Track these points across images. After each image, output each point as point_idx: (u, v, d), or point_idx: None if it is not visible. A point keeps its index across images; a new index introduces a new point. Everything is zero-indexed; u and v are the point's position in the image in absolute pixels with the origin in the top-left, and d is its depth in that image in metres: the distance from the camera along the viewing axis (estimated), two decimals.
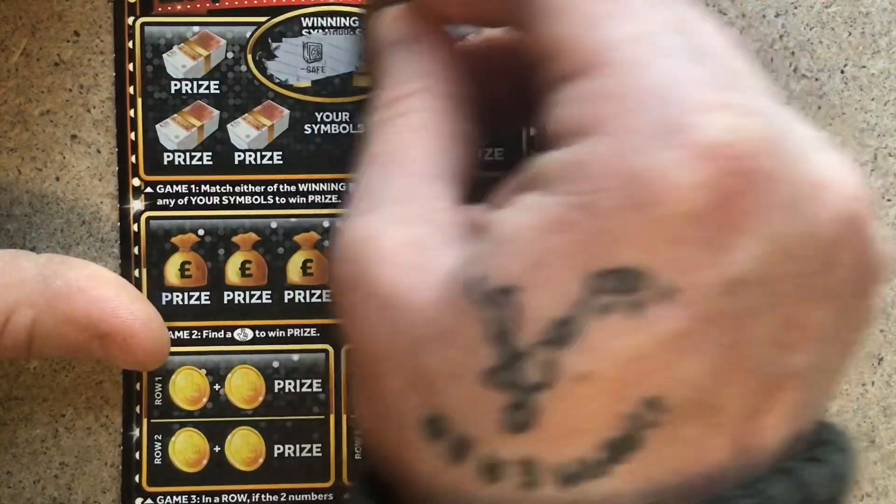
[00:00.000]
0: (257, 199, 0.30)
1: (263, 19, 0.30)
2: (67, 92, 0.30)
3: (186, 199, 0.30)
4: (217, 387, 0.30)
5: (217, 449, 0.30)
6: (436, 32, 0.26)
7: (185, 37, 0.30)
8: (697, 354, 0.19)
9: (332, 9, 0.30)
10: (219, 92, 0.30)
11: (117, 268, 0.30)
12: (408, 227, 0.22)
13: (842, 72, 0.31)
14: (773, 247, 0.19)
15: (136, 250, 0.30)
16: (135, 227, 0.30)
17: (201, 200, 0.30)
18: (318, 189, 0.31)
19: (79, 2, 0.30)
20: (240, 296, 0.31)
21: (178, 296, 0.30)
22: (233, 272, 0.31)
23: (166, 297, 0.30)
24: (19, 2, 0.30)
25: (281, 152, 0.30)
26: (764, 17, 0.31)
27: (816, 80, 0.31)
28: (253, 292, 0.31)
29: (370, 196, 0.23)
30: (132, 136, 0.30)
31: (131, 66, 0.30)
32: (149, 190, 0.30)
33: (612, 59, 0.20)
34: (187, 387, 0.30)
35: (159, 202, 0.30)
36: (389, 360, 0.21)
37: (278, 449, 0.30)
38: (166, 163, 0.30)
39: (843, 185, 0.20)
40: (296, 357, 0.31)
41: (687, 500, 0.20)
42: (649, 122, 0.19)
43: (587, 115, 0.20)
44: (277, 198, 0.31)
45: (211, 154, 0.30)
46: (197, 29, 0.30)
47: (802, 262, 0.20)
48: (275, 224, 0.31)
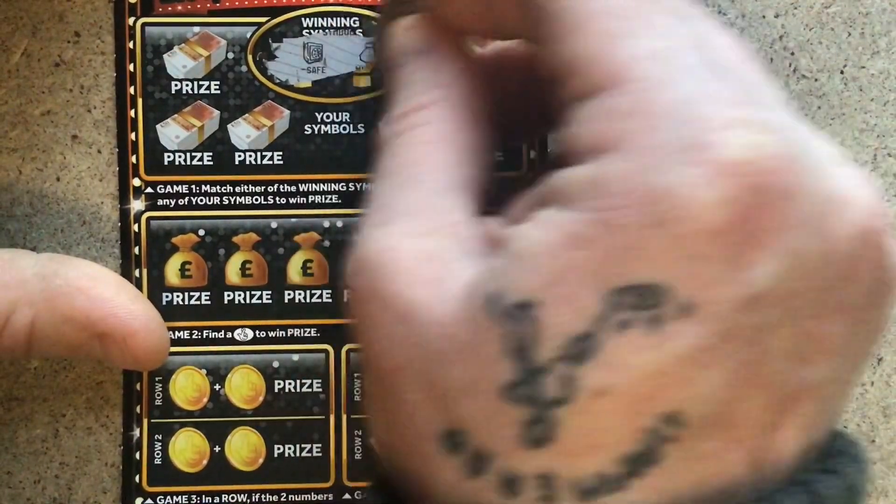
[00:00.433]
0: (257, 200, 0.31)
1: (264, 20, 0.30)
2: (68, 92, 0.30)
3: (187, 200, 0.30)
4: (217, 387, 0.30)
5: (217, 449, 0.30)
6: (451, 43, 0.25)
7: (186, 37, 0.30)
8: (715, 370, 0.19)
9: (333, 9, 0.30)
10: (219, 92, 0.30)
11: (118, 268, 0.30)
12: (424, 239, 0.22)
13: (842, 72, 0.31)
14: (792, 262, 0.19)
15: (136, 250, 0.30)
16: (135, 228, 0.30)
17: (202, 201, 0.30)
18: (318, 189, 0.31)
19: (79, 2, 0.30)
20: (240, 296, 0.31)
21: (178, 296, 0.30)
22: (233, 272, 0.31)
23: (166, 297, 0.30)
24: (20, 2, 0.30)
25: (281, 152, 0.31)
26: (764, 17, 0.31)
27: (816, 80, 0.31)
28: (253, 292, 0.31)
29: (386, 209, 0.23)
30: (133, 136, 0.30)
31: (132, 67, 0.30)
32: (149, 190, 0.30)
33: (632, 75, 0.20)
34: (187, 387, 0.30)
35: (160, 202, 0.30)
36: (407, 374, 0.21)
37: (278, 449, 0.30)
38: (167, 163, 0.30)
39: (861, 200, 0.20)
40: (296, 357, 0.31)
41: None
42: (670, 139, 0.19)
43: (607, 131, 0.20)
44: (278, 198, 0.31)
45: (211, 154, 0.30)
46: (197, 29, 0.30)
47: (820, 276, 0.20)
48: (275, 224, 0.31)
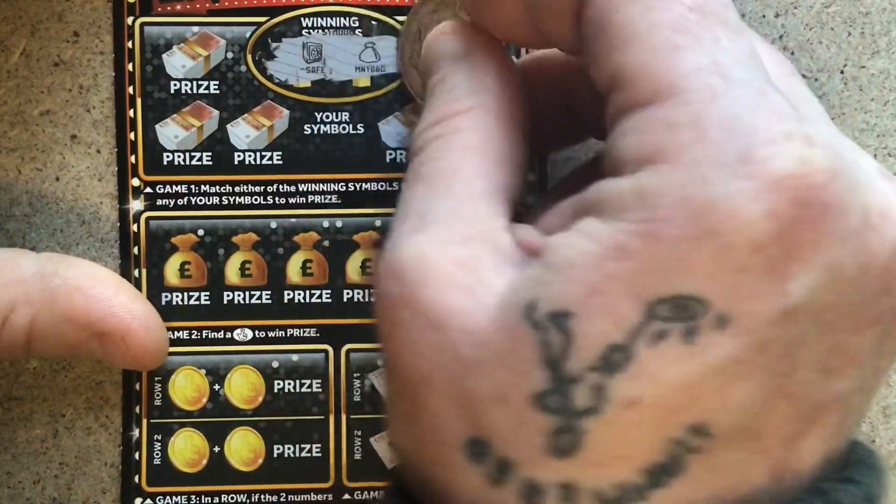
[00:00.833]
0: (257, 200, 0.30)
1: (263, 19, 0.30)
2: (67, 92, 0.30)
3: (186, 200, 0.30)
4: (217, 387, 0.30)
5: (217, 449, 0.30)
6: (490, 50, 0.25)
7: (185, 37, 0.30)
8: (747, 382, 0.19)
9: (332, 9, 0.30)
10: (218, 92, 0.30)
11: (117, 268, 0.30)
12: (458, 247, 0.22)
13: (842, 72, 0.31)
14: (829, 276, 0.19)
15: (135, 250, 0.30)
16: (134, 228, 0.30)
17: (201, 200, 0.30)
18: (317, 189, 0.31)
19: (78, 2, 0.30)
20: (239, 296, 0.31)
21: (177, 296, 0.30)
22: (232, 272, 0.31)
23: (166, 297, 0.30)
24: (19, 2, 0.30)
25: (281, 152, 0.30)
26: (764, 17, 0.31)
27: (816, 80, 0.31)
28: (253, 292, 0.31)
29: (419, 214, 0.23)
30: (132, 136, 0.30)
31: (131, 67, 0.30)
32: (148, 190, 0.30)
33: (682, 88, 0.20)
34: (187, 387, 0.30)
35: (159, 202, 0.30)
36: (434, 381, 0.21)
37: (278, 449, 0.30)
38: (166, 163, 0.30)
39: None
40: (295, 357, 0.31)
41: None
42: (718, 153, 0.19)
43: (655, 143, 0.20)
44: (277, 198, 0.31)
45: (211, 154, 0.30)
46: (196, 29, 0.30)
47: (857, 290, 0.20)
48: (274, 224, 0.31)
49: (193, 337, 0.30)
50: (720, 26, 0.20)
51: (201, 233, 0.30)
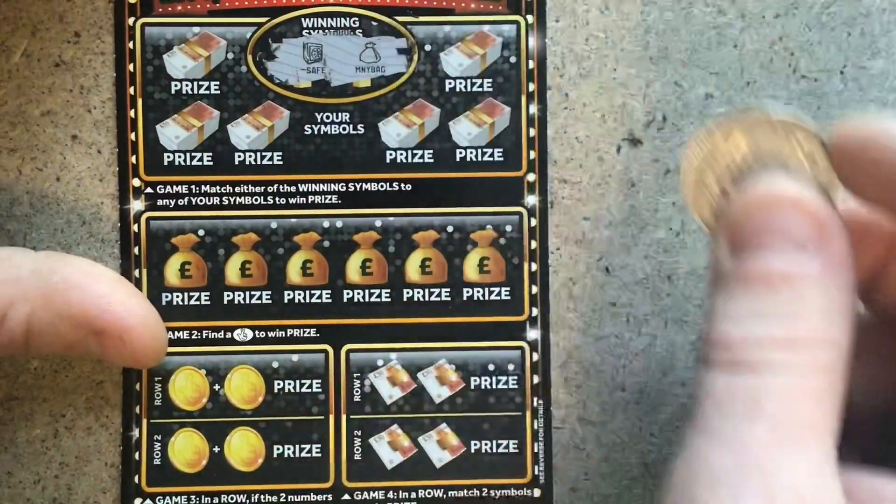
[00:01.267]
0: (257, 200, 0.31)
1: (263, 20, 0.30)
2: (68, 92, 0.30)
3: (186, 200, 0.30)
4: (217, 387, 0.30)
5: (216, 449, 0.30)
6: (845, 244, 0.20)
7: (186, 37, 0.30)
8: None
9: (332, 9, 0.30)
10: (219, 92, 0.30)
11: (118, 268, 0.30)
12: None
13: (842, 72, 0.31)
14: None
15: (136, 251, 0.30)
16: (135, 228, 0.30)
17: (201, 201, 0.30)
18: (318, 189, 0.31)
19: (79, 3, 0.30)
20: (239, 296, 0.31)
21: (177, 296, 0.30)
22: (232, 272, 0.31)
23: (166, 297, 0.30)
24: (20, 3, 0.30)
25: (281, 153, 0.31)
26: (764, 17, 0.31)
27: (816, 80, 0.31)
28: (253, 292, 0.31)
29: (762, 471, 0.19)
30: (132, 136, 0.30)
31: (132, 67, 0.30)
32: (149, 190, 0.30)
33: None
34: (187, 387, 0.30)
35: (159, 203, 0.30)
36: None
37: (278, 449, 0.30)
38: (166, 163, 0.30)
39: None
40: (295, 357, 0.31)
41: None
42: None
43: None
44: (277, 198, 0.31)
45: (211, 154, 0.30)
46: (197, 29, 0.30)
47: None
48: (275, 224, 0.31)
49: (193, 337, 0.30)
50: None
51: (202, 233, 0.30)
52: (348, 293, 0.31)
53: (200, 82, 0.30)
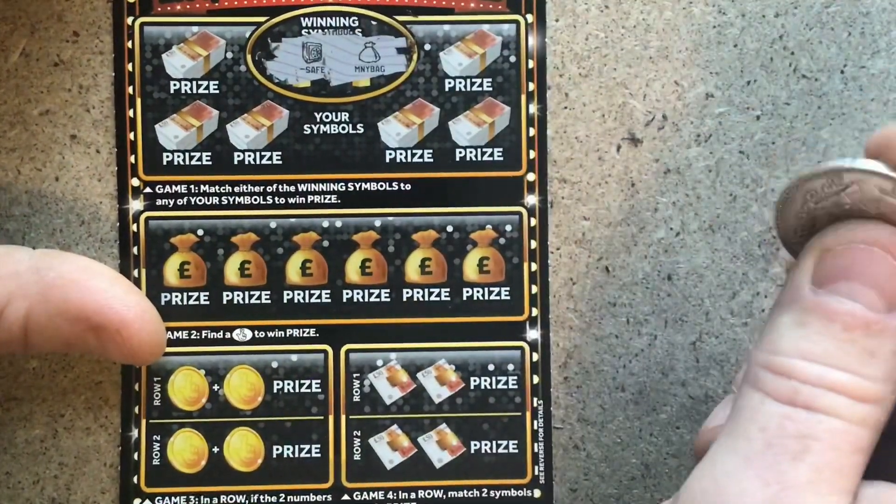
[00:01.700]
0: (256, 200, 0.30)
1: (263, 19, 0.30)
2: (67, 92, 0.30)
3: (185, 200, 0.30)
4: (216, 387, 0.30)
5: (216, 449, 0.30)
6: None
7: (185, 37, 0.30)
8: None
9: (332, 9, 0.30)
10: (218, 92, 0.30)
11: (116, 268, 0.30)
12: None
13: (842, 72, 0.31)
14: None
15: (135, 250, 0.30)
16: (134, 228, 0.30)
17: (200, 200, 0.30)
18: (317, 189, 0.31)
19: (78, 2, 0.30)
20: (239, 296, 0.30)
21: (177, 296, 0.30)
22: (232, 272, 0.30)
23: (165, 297, 0.30)
24: (19, 2, 0.30)
25: (280, 152, 0.30)
26: (764, 17, 0.31)
27: (816, 80, 0.31)
28: (252, 292, 0.30)
29: (761, 501, 0.20)
30: (131, 136, 0.30)
31: (130, 67, 0.30)
32: (148, 190, 0.30)
33: None
34: (186, 387, 0.30)
35: (158, 202, 0.30)
36: None
37: (277, 449, 0.30)
38: (165, 163, 0.30)
39: None
40: (295, 357, 0.31)
41: None
42: None
43: None
44: (277, 198, 0.30)
45: (210, 154, 0.30)
46: (196, 29, 0.30)
47: None
48: (274, 224, 0.31)
49: (193, 337, 0.30)
50: None
51: (201, 233, 0.30)
52: (348, 293, 0.31)
53: (199, 82, 0.30)
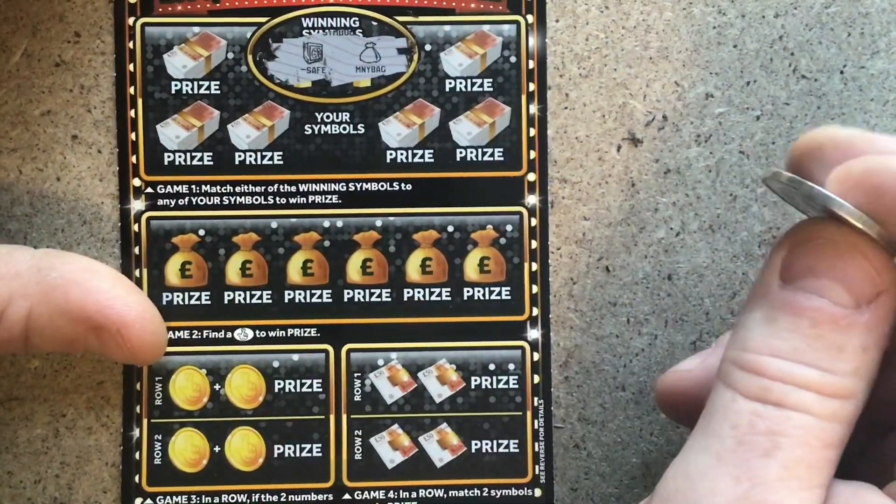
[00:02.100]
0: (257, 200, 0.31)
1: (264, 20, 0.30)
2: (68, 92, 0.30)
3: (187, 200, 0.30)
4: (217, 387, 0.30)
5: (217, 449, 0.30)
6: (894, 300, 0.21)
7: (186, 37, 0.30)
8: None
9: (333, 9, 0.30)
10: (219, 92, 0.30)
11: (118, 268, 0.30)
12: None
13: (841, 72, 0.31)
14: None
15: (136, 250, 0.30)
16: (135, 228, 0.30)
17: (202, 201, 0.30)
18: (318, 189, 0.31)
19: (79, 2, 0.30)
20: (240, 296, 0.31)
21: (178, 296, 0.30)
22: (233, 272, 0.31)
23: (167, 297, 0.30)
24: (20, 3, 0.30)
25: (281, 153, 0.31)
26: (764, 17, 0.31)
27: (816, 80, 0.31)
28: (253, 292, 0.31)
29: (732, 499, 0.20)
30: (133, 136, 0.30)
31: (132, 67, 0.30)
32: (149, 190, 0.30)
33: None
34: (187, 387, 0.30)
35: (160, 202, 0.30)
36: None
37: (278, 449, 0.30)
38: (167, 163, 0.30)
39: None
40: (296, 357, 0.31)
41: None
42: None
43: None
44: (277, 198, 0.31)
45: (211, 154, 0.30)
46: (197, 29, 0.30)
47: None
48: (275, 224, 0.31)
49: (194, 337, 0.31)
50: None
51: (202, 233, 0.31)
52: (349, 293, 0.31)
53: (201, 82, 0.30)
